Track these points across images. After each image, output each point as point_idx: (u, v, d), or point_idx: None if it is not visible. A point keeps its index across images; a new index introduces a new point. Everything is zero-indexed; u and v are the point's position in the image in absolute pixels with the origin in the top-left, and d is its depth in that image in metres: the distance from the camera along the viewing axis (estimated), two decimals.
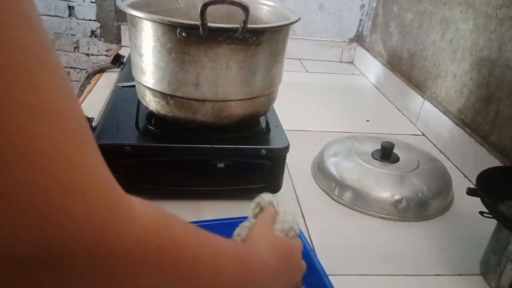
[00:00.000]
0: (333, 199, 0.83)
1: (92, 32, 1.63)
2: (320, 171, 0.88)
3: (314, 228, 0.74)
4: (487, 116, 0.93)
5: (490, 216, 0.61)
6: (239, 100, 0.71)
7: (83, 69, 1.69)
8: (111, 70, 1.31)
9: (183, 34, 0.63)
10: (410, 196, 0.79)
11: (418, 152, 0.90)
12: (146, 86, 0.71)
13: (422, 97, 1.18)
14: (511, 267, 0.61)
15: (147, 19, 0.65)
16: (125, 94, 0.87)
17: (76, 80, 1.71)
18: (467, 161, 0.96)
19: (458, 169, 0.99)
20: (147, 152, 0.72)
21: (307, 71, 1.59)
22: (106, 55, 1.67)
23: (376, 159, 0.85)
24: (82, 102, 1.12)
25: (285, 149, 0.75)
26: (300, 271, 0.50)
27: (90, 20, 1.61)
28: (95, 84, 1.24)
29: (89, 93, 1.18)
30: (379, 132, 1.11)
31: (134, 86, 0.78)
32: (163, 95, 0.70)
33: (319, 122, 1.16)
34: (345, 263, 0.67)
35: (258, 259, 0.42)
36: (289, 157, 0.77)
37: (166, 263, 0.29)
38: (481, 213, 0.63)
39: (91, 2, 1.58)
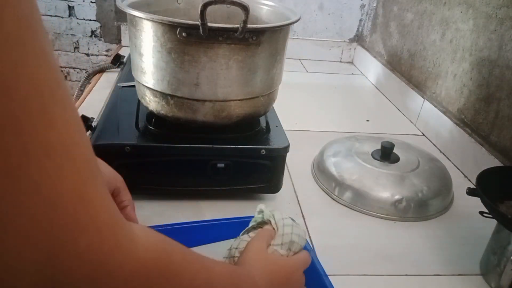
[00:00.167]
0: (333, 199, 0.83)
1: (92, 32, 1.63)
2: (320, 171, 0.88)
3: (314, 228, 0.74)
4: (487, 116, 0.93)
5: (490, 216, 0.61)
6: (239, 100, 0.71)
7: (83, 69, 1.69)
8: (111, 70, 1.31)
9: (183, 34, 0.63)
10: (410, 196, 0.79)
11: (418, 152, 0.90)
12: (146, 86, 0.71)
13: (422, 97, 1.18)
14: (511, 267, 0.61)
15: (147, 19, 0.65)
16: (125, 94, 0.87)
17: (76, 80, 1.71)
18: (467, 161, 0.96)
19: (458, 169, 0.99)
20: (147, 152, 0.72)
21: (307, 71, 1.59)
22: (106, 55, 1.67)
23: (376, 159, 0.85)
24: (82, 102, 1.12)
25: (285, 149, 0.75)
26: None
27: (90, 20, 1.61)
28: (95, 84, 1.24)
29: (89, 93, 1.18)
30: (379, 132, 1.11)
31: (134, 86, 0.78)
32: (163, 95, 0.70)
33: (319, 122, 1.16)
34: (345, 263, 0.67)
35: (249, 283, 0.43)
36: (289, 157, 0.77)
37: None
38: (481, 213, 0.63)
39: (91, 2, 1.58)
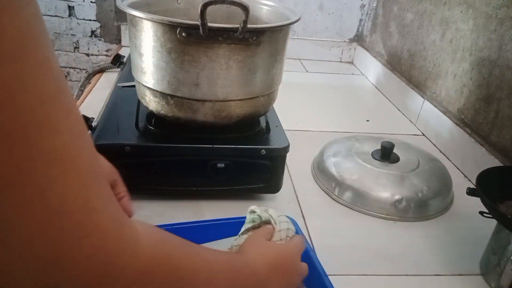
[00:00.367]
0: (333, 199, 0.83)
1: (92, 32, 1.63)
2: (320, 171, 0.88)
3: (314, 228, 0.74)
4: (487, 116, 0.93)
5: (490, 216, 0.61)
6: (239, 100, 0.71)
7: (83, 69, 1.69)
8: (111, 70, 1.31)
9: (183, 34, 0.63)
10: (410, 196, 0.79)
11: (418, 152, 0.90)
12: (146, 86, 0.71)
13: (422, 97, 1.18)
14: (511, 267, 0.61)
15: (147, 19, 0.65)
16: (125, 94, 0.87)
17: (76, 80, 1.71)
18: (467, 161, 0.96)
19: (458, 169, 0.99)
20: (147, 152, 0.72)
21: (307, 71, 1.59)
22: (106, 55, 1.67)
23: (376, 159, 0.85)
24: (82, 102, 1.12)
25: (285, 149, 0.75)
26: (298, 275, 0.49)
27: (90, 20, 1.61)
28: (95, 84, 1.24)
29: (89, 93, 1.18)
30: (379, 132, 1.11)
31: (134, 86, 0.78)
32: (163, 95, 0.70)
33: (319, 122, 1.16)
34: (345, 263, 0.67)
35: (247, 268, 0.43)
36: (289, 157, 0.77)
37: (166, 286, 0.30)
38: (481, 213, 0.63)
39: (91, 2, 1.58)
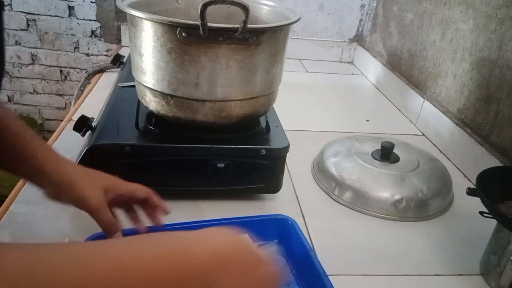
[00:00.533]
0: (333, 199, 0.83)
1: (92, 32, 1.63)
2: (320, 171, 0.88)
3: (314, 228, 0.74)
4: (487, 116, 0.93)
5: (490, 216, 0.61)
6: (239, 100, 0.71)
7: (83, 69, 1.69)
8: (111, 70, 1.31)
9: (183, 34, 0.63)
10: (410, 196, 0.79)
11: (418, 152, 0.90)
12: (146, 86, 0.71)
13: (422, 97, 1.18)
14: (511, 267, 0.61)
15: (147, 19, 0.65)
16: (125, 94, 0.87)
17: (76, 80, 1.71)
18: (467, 161, 0.96)
19: (458, 169, 0.98)
20: (147, 152, 0.72)
21: (307, 71, 1.59)
22: (106, 55, 1.67)
23: (376, 159, 0.85)
24: (82, 102, 1.12)
25: (285, 149, 0.75)
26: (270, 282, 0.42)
27: (90, 20, 1.61)
28: (95, 84, 1.24)
29: (89, 93, 1.18)
30: (379, 132, 1.11)
31: (134, 86, 0.78)
32: (163, 95, 0.70)
33: (319, 122, 1.16)
34: (345, 263, 0.67)
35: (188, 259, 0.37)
36: (289, 157, 0.77)
37: None
38: (481, 213, 0.63)
39: (91, 2, 1.58)
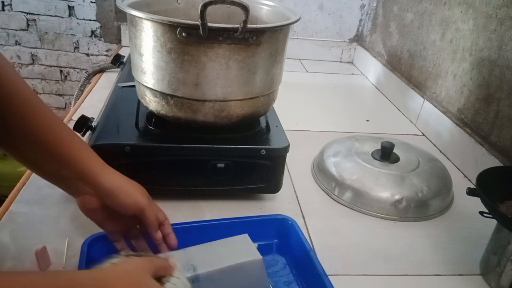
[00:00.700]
0: (333, 199, 0.83)
1: (92, 32, 1.63)
2: (320, 171, 0.88)
3: (314, 228, 0.74)
4: (487, 116, 0.93)
5: (490, 216, 0.61)
6: (239, 100, 0.71)
7: (83, 69, 1.69)
8: (111, 70, 1.31)
9: (183, 34, 0.63)
10: (410, 196, 0.79)
11: (418, 152, 0.90)
12: (146, 86, 0.71)
13: (422, 97, 1.18)
14: (511, 267, 0.61)
15: (147, 19, 0.65)
16: (125, 94, 0.87)
17: (76, 80, 1.71)
18: (467, 161, 0.96)
19: (458, 169, 0.99)
20: (147, 152, 0.72)
21: (307, 71, 1.59)
22: (106, 55, 1.67)
23: (376, 159, 0.85)
24: (82, 102, 1.12)
25: (285, 149, 0.75)
26: None
27: (90, 20, 1.61)
28: (95, 84, 1.24)
29: (89, 93, 1.18)
30: (379, 132, 1.11)
31: (134, 86, 0.78)
32: (163, 95, 0.70)
33: (319, 122, 1.16)
34: (345, 263, 0.67)
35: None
36: (289, 157, 0.77)
37: None
38: (481, 213, 0.63)
39: (91, 2, 1.58)
